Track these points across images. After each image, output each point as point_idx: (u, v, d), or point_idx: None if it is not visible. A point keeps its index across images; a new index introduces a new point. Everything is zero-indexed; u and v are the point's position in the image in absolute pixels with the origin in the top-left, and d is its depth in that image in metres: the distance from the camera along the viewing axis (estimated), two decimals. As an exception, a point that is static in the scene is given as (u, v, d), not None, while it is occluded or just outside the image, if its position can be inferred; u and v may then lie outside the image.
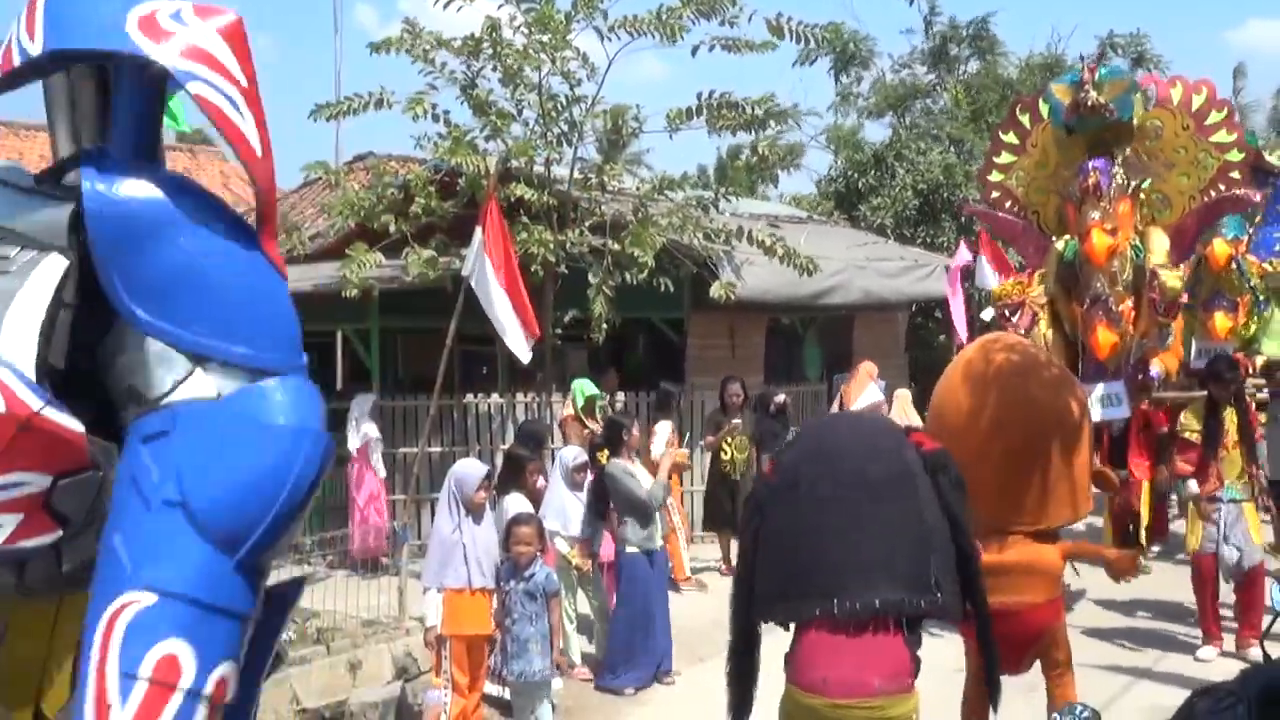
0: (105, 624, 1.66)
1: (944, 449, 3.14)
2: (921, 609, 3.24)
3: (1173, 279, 7.84)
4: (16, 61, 1.70)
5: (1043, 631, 5.19)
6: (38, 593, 1.85)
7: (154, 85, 1.79)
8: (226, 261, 1.78)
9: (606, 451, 7.91)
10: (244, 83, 1.73)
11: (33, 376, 1.73)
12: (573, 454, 8.08)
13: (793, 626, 3.56)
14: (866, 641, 3.23)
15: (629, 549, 7.60)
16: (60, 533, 1.78)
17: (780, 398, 11.45)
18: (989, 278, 13.17)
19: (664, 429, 9.86)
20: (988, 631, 3.75)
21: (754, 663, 3.79)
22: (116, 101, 1.81)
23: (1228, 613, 8.04)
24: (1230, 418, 7.78)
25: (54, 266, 1.78)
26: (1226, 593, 8.00)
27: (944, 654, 3.48)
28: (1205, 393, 7.97)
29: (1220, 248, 9.28)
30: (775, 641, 3.82)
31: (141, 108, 1.82)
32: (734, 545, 9.29)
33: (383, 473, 10.50)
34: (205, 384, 1.76)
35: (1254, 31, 63.70)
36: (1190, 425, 7.98)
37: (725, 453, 10.28)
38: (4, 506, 1.72)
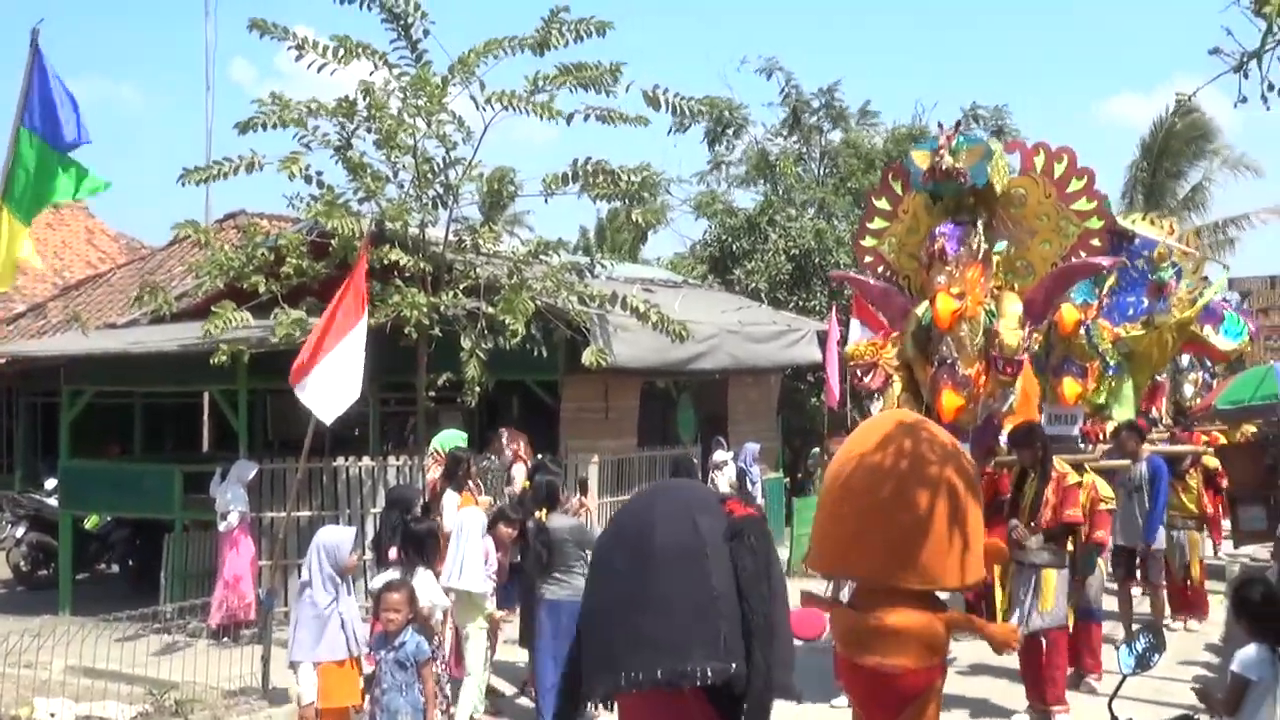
0: None
1: (751, 516, 3.01)
2: (710, 678, 3.09)
3: (1011, 335, 7.91)
4: None
5: (913, 697, 5.18)
6: None
7: None
8: None
9: (545, 509, 7.90)
10: None
11: None
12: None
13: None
14: (676, 715, 3.08)
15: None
16: None
17: None
18: (860, 338, 13.45)
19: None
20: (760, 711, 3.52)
21: None
22: None
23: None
24: (1031, 485, 8.02)
25: None
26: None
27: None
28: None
29: (1069, 313, 9.31)
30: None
31: None
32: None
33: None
34: None
35: (1121, 104, 66.26)
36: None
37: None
38: None
